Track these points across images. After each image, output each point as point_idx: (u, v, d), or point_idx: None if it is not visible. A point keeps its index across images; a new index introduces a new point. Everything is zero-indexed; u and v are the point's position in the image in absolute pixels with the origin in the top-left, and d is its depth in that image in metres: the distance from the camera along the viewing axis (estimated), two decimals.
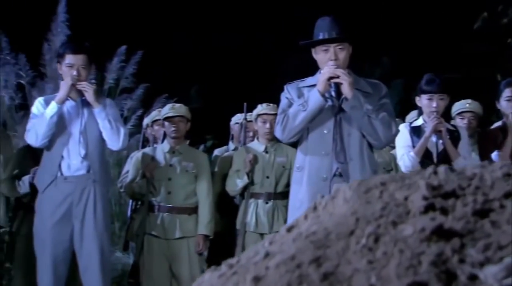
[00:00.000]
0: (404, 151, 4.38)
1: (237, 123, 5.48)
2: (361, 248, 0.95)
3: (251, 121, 5.13)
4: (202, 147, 7.37)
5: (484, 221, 0.98)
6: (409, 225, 0.97)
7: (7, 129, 7.19)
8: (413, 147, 4.33)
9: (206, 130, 9.02)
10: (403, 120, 5.06)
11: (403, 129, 4.47)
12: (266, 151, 4.97)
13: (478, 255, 0.90)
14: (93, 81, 7.26)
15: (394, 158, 4.91)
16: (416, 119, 4.56)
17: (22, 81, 7.55)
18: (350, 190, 1.12)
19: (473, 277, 0.87)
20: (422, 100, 4.43)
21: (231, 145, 5.57)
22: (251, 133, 5.23)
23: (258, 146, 5.01)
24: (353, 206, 1.06)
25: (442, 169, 1.13)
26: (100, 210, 4.21)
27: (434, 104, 4.33)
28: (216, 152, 5.63)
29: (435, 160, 4.31)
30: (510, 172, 1.09)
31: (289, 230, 1.14)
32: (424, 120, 4.41)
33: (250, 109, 5.12)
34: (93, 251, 4.17)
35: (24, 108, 7.36)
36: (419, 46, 11.41)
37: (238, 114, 5.50)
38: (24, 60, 7.56)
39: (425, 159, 4.31)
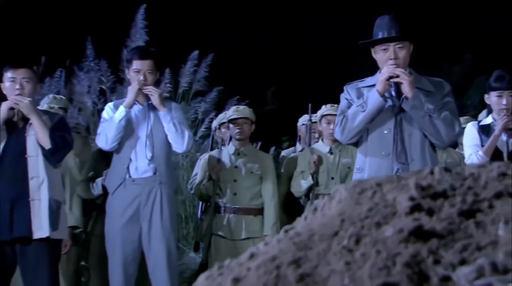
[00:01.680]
0: (472, 150, 4.27)
1: (303, 124, 5.50)
2: (341, 249, 0.96)
3: (316, 122, 5.13)
4: (273, 149, 7.41)
5: (469, 222, 0.96)
6: (390, 226, 0.97)
7: (90, 134, 7.49)
8: (482, 146, 4.21)
9: (282, 132, 9.07)
10: None
11: (471, 128, 4.36)
12: (330, 152, 4.96)
13: (454, 256, 0.89)
14: (168, 85, 7.50)
15: (463, 157, 4.79)
16: (486, 117, 4.43)
17: (104, 87, 7.85)
18: (345, 191, 1.13)
19: (446, 279, 0.86)
20: (491, 98, 4.30)
21: (299, 146, 5.59)
22: (316, 135, 5.24)
23: (322, 146, 5.00)
24: (342, 207, 1.07)
25: (437, 169, 1.11)
26: (166, 211, 4.33)
27: (504, 102, 4.21)
28: (283, 153, 5.68)
29: (505, 158, 4.17)
30: (506, 172, 1.06)
31: (287, 231, 1.16)
32: (494, 119, 4.28)
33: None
34: (160, 251, 4.29)
35: None
36: (503, 43, 11.01)
37: (305, 116, 5.51)
38: (106, 66, 7.86)
39: (495, 158, 4.17)
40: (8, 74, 4.09)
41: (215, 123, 5.66)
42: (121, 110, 4.31)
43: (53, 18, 10.55)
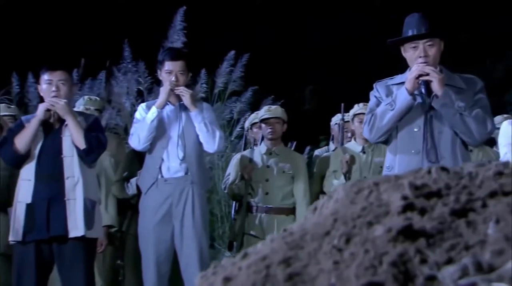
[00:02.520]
0: (507, 149, 4.18)
1: (336, 124, 5.48)
2: (331, 248, 0.96)
3: (348, 121, 5.11)
4: (308, 148, 7.38)
5: (460, 221, 0.95)
6: (381, 225, 0.96)
7: (128, 135, 7.59)
8: None
9: (320, 131, 9.04)
10: None
11: (507, 126, 4.27)
12: (363, 151, 4.93)
13: (442, 256, 0.88)
14: (204, 85, 7.55)
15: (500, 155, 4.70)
16: None
17: (141, 88, 7.95)
18: (343, 190, 1.13)
19: (431, 278, 0.86)
20: None
21: (332, 146, 5.58)
22: (349, 134, 5.21)
23: (355, 146, 4.98)
24: (337, 206, 1.07)
25: (435, 168, 1.11)
26: (198, 211, 4.37)
27: None
28: (316, 152, 5.67)
29: None
30: (502, 171, 1.04)
31: (286, 230, 1.17)
32: None
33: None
34: (192, 250, 4.33)
35: None
36: None
37: (338, 115, 5.49)
38: (143, 67, 7.96)
39: None
40: (45, 77, 4.19)
41: (247, 124, 5.69)
42: (153, 110, 4.37)
43: (94, 20, 10.73)
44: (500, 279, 0.81)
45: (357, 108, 4.98)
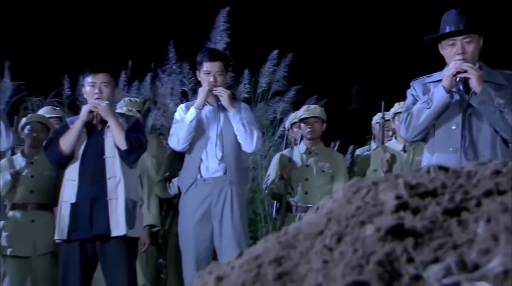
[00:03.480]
0: None
1: (377, 123, 5.43)
2: (322, 248, 0.96)
3: (389, 120, 5.06)
4: (351, 148, 7.33)
5: (452, 220, 0.94)
6: (372, 224, 0.96)
7: None
8: None
9: (367, 130, 8.96)
10: None
11: None
12: (404, 150, 4.87)
13: (429, 255, 0.88)
14: (247, 86, 7.58)
15: None
16: None
17: (185, 89, 8.04)
18: (342, 190, 1.13)
19: (417, 277, 0.86)
20: None
21: (373, 145, 5.53)
22: (390, 133, 5.16)
23: (396, 145, 4.93)
24: (333, 206, 1.07)
25: (433, 167, 1.10)
26: (237, 210, 4.40)
27: None
28: (358, 151, 5.64)
29: None
30: (500, 169, 1.03)
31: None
32: None
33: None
34: (231, 249, 4.35)
35: None
36: None
37: (379, 114, 5.44)
38: (187, 68, 8.05)
39: None
40: (88, 79, 4.29)
41: (287, 123, 5.69)
42: (192, 111, 4.42)
43: (140, 22, 10.90)
44: (483, 277, 0.80)
45: (397, 107, 4.93)
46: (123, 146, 4.15)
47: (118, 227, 4.12)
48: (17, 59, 8.47)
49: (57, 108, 6.13)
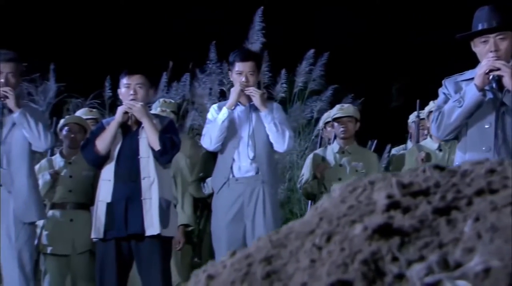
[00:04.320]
0: None
1: (414, 121, 5.37)
2: (311, 247, 0.96)
3: (424, 119, 4.99)
4: (388, 147, 7.24)
5: (441, 219, 0.93)
6: (360, 224, 0.96)
7: None
8: None
9: (406, 129, 8.86)
10: None
11: None
12: (439, 149, 4.81)
13: (414, 254, 0.87)
14: (284, 85, 7.57)
15: None
16: None
17: (224, 89, 8.07)
18: (338, 190, 1.13)
19: (400, 276, 0.85)
20: None
21: (410, 144, 5.47)
22: (425, 131, 5.09)
23: (431, 144, 4.86)
24: (327, 205, 1.07)
25: (429, 166, 1.09)
26: (269, 210, 4.41)
27: None
28: (393, 150, 5.58)
29: None
30: (495, 168, 1.01)
31: None
32: None
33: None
34: None
35: None
36: None
37: (416, 113, 5.38)
38: (227, 68, 8.07)
39: None
40: (123, 81, 4.36)
41: (321, 123, 5.67)
42: (224, 111, 4.45)
43: (181, 24, 11.01)
44: (464, 276, 0.79)
45: (432, 105, 4.86)
46: (157, 146, 4.20)
47: (152, 226, 4.17)
48: (61, 61, 8.65)
49: (94, 110, 6.23)
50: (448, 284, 0.79)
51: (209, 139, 4.48)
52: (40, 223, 5.02)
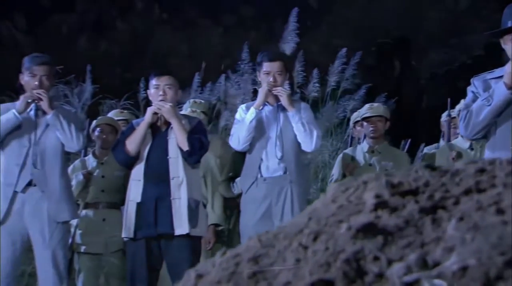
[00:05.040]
0: None
1: (445, 120, 5.29)
2: (298, 246, 0.96)
3: (455, 117, 4.92)
4: (422, 146, 7.15)
5: (426, 218, 0.92)
6: (346, 223, 0.96)
7: None
8: None
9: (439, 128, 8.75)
10: None
11: None
12: (471, 148, 4.73)
13: (396, 253, 0.87)
14: (317, 85, 7.53)
15: None
16: None
17: (256, 88, 8.06)
18: (333, 189, 1.12)
19: (380, 275, 0.85)
20: None
21: (442, 142, 5.39)
22: (457, 130, 5.01)
23: (462, 142, 4.79)
24: (318, 205, 1.07)
25: (420, 166, 1.08)
26: (297, 209, 4.40)
27: None
28: (425, 149, 5.51)
29: None
30: (485, 168, 0.99)
31: None
32: None
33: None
34: None
35: None
36: None
37: (447, 111, 5.30)
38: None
39: None
40: (153, 82, 4.41)
41: (351, 122, 5.64)
42: (252, 111, 4.46)
43: (215, 24, 11.07)
44: (441, 275, 0.79)
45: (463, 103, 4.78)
46: (185, 147, 4.23)
47: (181, 226, 4.20)
48: (98, 63, 8.78)
49: (124, 111, 6.30)
50: (426, 283, 0.78)
51: (237, 140, 4.50)
52: (74, 222, 5.10)
